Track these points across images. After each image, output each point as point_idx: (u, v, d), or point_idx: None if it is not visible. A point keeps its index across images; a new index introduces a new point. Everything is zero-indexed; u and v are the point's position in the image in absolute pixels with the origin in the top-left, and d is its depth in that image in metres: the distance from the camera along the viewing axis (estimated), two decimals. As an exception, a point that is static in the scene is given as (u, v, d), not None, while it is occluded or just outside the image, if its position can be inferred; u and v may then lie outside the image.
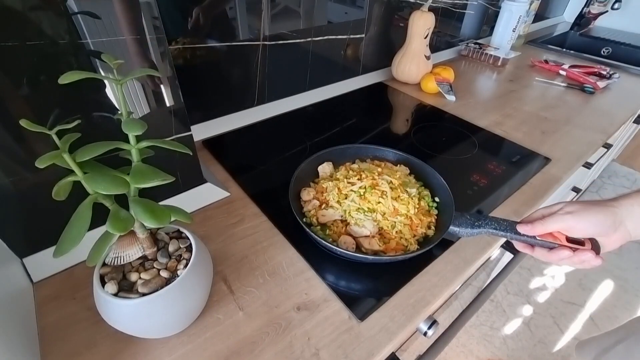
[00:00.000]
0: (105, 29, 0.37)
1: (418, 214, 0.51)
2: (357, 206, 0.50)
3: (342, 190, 0.52)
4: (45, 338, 0.39)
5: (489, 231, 0.45)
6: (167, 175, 0.32)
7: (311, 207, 0.52)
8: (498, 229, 0.44)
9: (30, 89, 0.35)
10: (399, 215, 0.49)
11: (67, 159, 0.29)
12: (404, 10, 0.98)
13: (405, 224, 0.50)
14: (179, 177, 0.52)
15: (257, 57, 0.75)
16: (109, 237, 0.33)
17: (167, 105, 0.46)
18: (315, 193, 0.55)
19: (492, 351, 1.25)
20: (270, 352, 0.39)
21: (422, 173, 0.59)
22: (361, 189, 0.51)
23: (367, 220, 0.49)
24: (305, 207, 0.53)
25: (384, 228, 0.49)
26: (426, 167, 0.58)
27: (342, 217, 0.51)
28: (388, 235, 0.49)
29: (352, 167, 0.58)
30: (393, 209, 0.49)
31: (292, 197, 0.52)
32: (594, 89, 1.02)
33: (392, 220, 0.49)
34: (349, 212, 0.50)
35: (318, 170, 0.60)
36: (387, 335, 0.41)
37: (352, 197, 0.51)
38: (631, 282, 1.51)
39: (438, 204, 0.55)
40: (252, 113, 0.81)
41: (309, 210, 0.52)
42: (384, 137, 0.78)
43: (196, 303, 0.39)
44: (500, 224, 0.45)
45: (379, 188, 0.51)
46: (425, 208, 0.53)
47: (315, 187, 0.56)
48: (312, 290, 0.45)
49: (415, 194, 0.53)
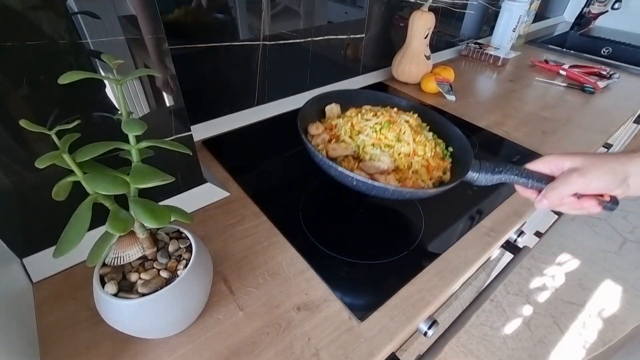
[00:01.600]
0: (105, 29, 0.37)
1: (434, 157, 0.49)
2: (372, 141, 0.47)
3: (355, 126, 0.49)
4: (45, 338, 0.39)
5: (509, 177, 0.44)
6: (167, 175, 0.32)
7: (320, 141, 0.50)
8: (519, 176, 0.43)
9: (30, 89, 0.35)
10: (416, 156, 0.47)
11: (67, 159, 0.29)
12: (404, 10, 0.98)
13: (422, 165, 0.47)
14: (179, 177, 0.52)
15: (257, 57, 0.75)
16: (109, 238, 0.33)
17: (167, 105, 0.46)
18: (324, 129, 0.52)
19: (492, 351, 1.25)
20: (270, 352, 0.39)
21: (435, 123, 0.56)
22: (377, 125, 0.48)
23: (384, 155, 0.46)
24: (313, 141, 0.50)
25: (400, 167, 0.47)
26: (440, 117, 0.56)
27: (355, 152, 0.48)
28: (404, 175, 0.46)
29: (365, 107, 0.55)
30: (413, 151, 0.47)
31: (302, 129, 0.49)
32: (594, 89, 1.02)
33: (409, 160, 0.47)
34: (363, 147, 0.47)
35: (325, 110, 0.56)
36: (387, 336, 0.41)
37: (367, 132, 0.48)
38: (631, 282, 1.51)
39: (452, 154, 0.53)
40: (252, 113, 0.81)
41: (318, 144, 0.49)
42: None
43: (196, 303, 0.39)
44: (523, 173, 0.43)
45: (397, 125, 0.48)
46: (440, 154, 0.51)
47: (324, 123, 0.53)
48: (312, 291, 0.45)
49: (432, 138, 0.51)
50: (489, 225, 0.56)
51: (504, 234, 0.55)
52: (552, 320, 1.36)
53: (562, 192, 0.39)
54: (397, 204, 0.59)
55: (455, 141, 0.53)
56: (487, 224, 0.56)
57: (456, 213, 0.58)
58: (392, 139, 0.47)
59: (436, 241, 0.52)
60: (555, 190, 0.40)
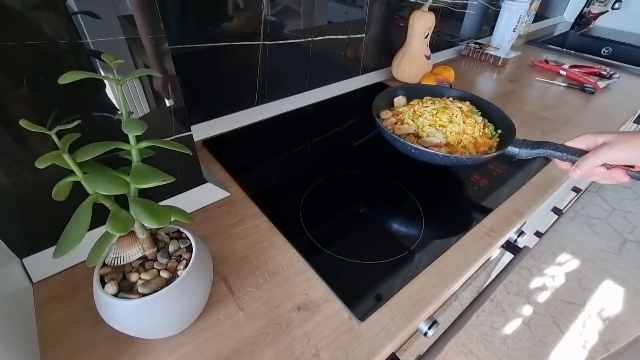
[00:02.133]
0: (105, 29, 0.37)
1: (482, 137, 0.60)
2: (429, 122, 0.60)
3: (416, 111, 0.63)
4: (45, 338, 0.39)
5: (547, 151, 0.51)
6: (167, 175, 0.32)
7: (388, 123, 0.63)
8: (555, 150, 0.50)
9: (30, 89, 0.35)
10: (465, 134, 0.59)
11: (67, 159, 0.29)
12: (404, 10, 0.98)
13: (470, 141, 0.59)
14: (179, 177, 0.52)
15: (257, 57, 0.75)
16: (109, 238, 0.33)
17: (167, 105, 0.46)
18: (392, 114, 0.65)
19: (492, 351, 1.25)
20: (270, 352, 0.39)
21: (487, 110, 0.68)
22: (434, 110, 0.61)
23: (438, 133, 0.58)
24: (383, 123, 0.63)
25: (451, 143, 0.58)
26: (490, 105, 0.67)
27: (415, 131, 0.61)
28: (454, 149, 0.58)
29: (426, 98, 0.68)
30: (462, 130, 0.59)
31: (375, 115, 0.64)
32: (594, 89, 1.02)
33: (459, 137, 0.58)
34: (422, 127, 0.60)
35: (394, 100, 0.70)
36: (387, 336, 0.41)
37: (425, 116, 0.61)
38: (631, 282, 1.51)
39: (500, 135, 0.63)
40: (252, 113, 0.81)
41: (387, 125, 0.62)
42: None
43: (196, 303, 0.39)
44: (559, 148, 0.49)
45: (450, 110, 0.61)
46: (488, 135, 0.62)
47: (392, 110, 0.67)
48: (313, 291, 0.45)
49: (481, 121, 0.63)
50: (489, 225, 0.56)
51: (504, 234, 0.55)
52: (552, 321, 1.36)
53: (592, 162, 0.45)
54: (396, 202, 0.59)
55: (503, 124, 0.64)
56: (487, 224, 0.56)
57: (456, 213, 0.58)
58: (445, 121, 0.60)
59: (436, 241, 0.52)
60: (587, 161, 0.45)
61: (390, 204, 0.59)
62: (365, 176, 0.64)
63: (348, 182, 0.63)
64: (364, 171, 0.65)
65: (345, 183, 0.63)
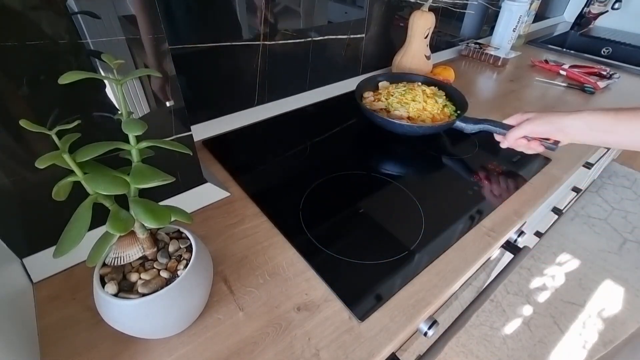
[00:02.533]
0: (105, 29, 0.37)
1: (441, 114, 0.75)
2: (397, 100, 0.76)
3: (389, 92, 0.80)
4: (45, 338, 0.39)
5: (486, 126, 0.67)
6: (167, 175, 0.32)
7: (368, 100, 0.79)
8: (492, 125, 0.66)
9: (30, 89, 0.35)
10: (425, 111, 0.74)
11: (67, 159, 0.29)
12: (404, 10, 0.98)
13: (428, 117, 0.74)
14: (179, 177, 0.52)
15: (257, 57, 0.75)
16: (109, 238, 0.33)
17: (167, 106, 0.46)
18: (373, 94, 0.81)
19: (492, 351, 1.25)
20: (270, 352, 0.39)
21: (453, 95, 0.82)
22: (402, 91, 0.78)
23: (402, 108, 0.74)
24: (364, 100, 0.80)
25: (412, 117, 0.73)
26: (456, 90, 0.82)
27: (386, 107, 0.76)
28: (414, 122, 0.72)
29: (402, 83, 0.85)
30: (422, 107, 0.75)
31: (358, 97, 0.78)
32: (594, 89, 1.02)
33: (419, 113, 0.74)
34: (391, 104, 0.76)
35: (379, 85, 0.86)
36: (387, 336, 0.41)
37: (395, 95, 0.78)
38: (631, 282, 1.51)
39: (459, 114, 0.75)
40: (252, 113, 0.81)
41: (367, 102, 0.79)
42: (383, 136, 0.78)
43: (196, 303, 0.39)
44: (495, 124, 0.66)
45: (414, 92, 0.77)
46: (447, 114, 0.76)
47: (373, 91, 0.83)
48: (313, 291, 0.45)
49: (442, 102, 0.78)
50: (489, 225, 0.56)
51: (504, 234, 0.55)
52: (552, 321, 1.36)
53: (516, 134, 0.59)
54: (396, 202, 0.59)
55: (461, 105, 0.78)
56: (487, 224, 0.56)
57: (456, 213, 0.58)
58: (409, 99, 0.76)
59: (436, 241, 0.52)
60: (512, 133, 0.60)
61: (390, 204, 0.59)
62: (366, 176, 0.64)
63: (348, 182, 0.63)
64: (364, 171, 0.65)
65: (345, 183, 0.63)
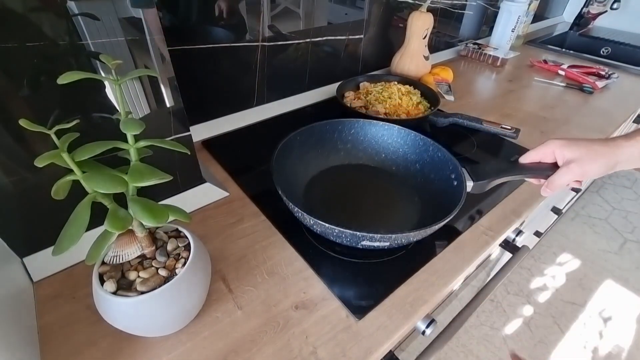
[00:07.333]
0: (105, 30, 0.37)
1: (415, 110, 0.81)
2: (375, 98, 0.81)
3: (368, 91, 0.84)
4: (45, 337, 0.39)
5: (455, 120, 0.74)
6: (165, 174, 0.32)
7: (349, 99, 0.83)
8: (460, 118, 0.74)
9: (30, 89, 0.35)
10: (400, 107, 0.80)
11: (66, 158, 0.29)
12: (403, 11, 0.99)
13: (404, 112, 0.79)
14: (178, 176, 0.52)
15: (256, 58, 0.75)
16: (108, 236, 0.33)
17: (167, 106, 0.46)
18: (354, 93, 0.86)
19: (492, 351, 1.25)
20: (268, 350, 0.39)
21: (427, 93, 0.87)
22: (380, 90, 0.83)
23: (380, 105, 0.79)
24: (345, 99, 0.84)
25: (389, 113, 0.78)
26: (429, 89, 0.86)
27: (365, 105, 0.81)
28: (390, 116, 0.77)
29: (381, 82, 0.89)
30: (398, 103, 0.80)
31: (339, 96, 0.82)
32: (593, 89, 1.02)
33: (395, 109, 0.79)
34: (370, 101, 0.81)
35: (360, 85, 0.89)
36: (384, 334, 0.41)
37: (373, 94, 0.83)
38: (631, 282, 1.51)
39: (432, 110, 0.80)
40: (252, 113, 0.81)
41: (347, 100, 0.83)
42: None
43: (195, 302, 0.39)
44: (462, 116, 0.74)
45: (390, 90, 0.83)
46: (422, 110, 0.82)
47: (354, 91, 0.88)
48: (310, 289, 0.45)
49: (416, 99, 0.83)
50: (486, 224, 0.56)
51: (502, 233, 0.55)
52: (553, 321, 1.35)
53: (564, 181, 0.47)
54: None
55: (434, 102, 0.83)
56: (484, 223, 0.56)
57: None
58: (385, 97, 0.81)
59: (434, 240, 0.52)
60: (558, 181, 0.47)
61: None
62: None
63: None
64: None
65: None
